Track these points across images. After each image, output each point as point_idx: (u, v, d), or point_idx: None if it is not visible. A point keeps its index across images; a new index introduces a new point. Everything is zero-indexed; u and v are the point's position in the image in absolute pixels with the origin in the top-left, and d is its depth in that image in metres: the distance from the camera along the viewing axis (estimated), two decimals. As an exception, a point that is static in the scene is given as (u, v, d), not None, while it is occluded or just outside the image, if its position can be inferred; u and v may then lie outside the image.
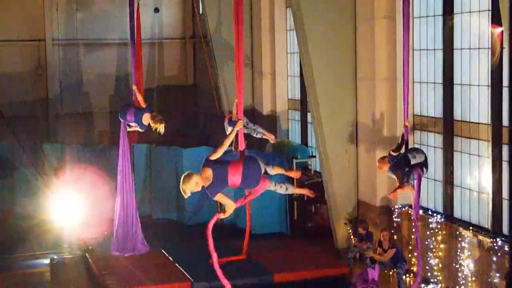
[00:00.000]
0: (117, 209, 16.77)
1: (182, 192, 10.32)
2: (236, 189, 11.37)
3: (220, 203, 10.73)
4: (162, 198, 22.27)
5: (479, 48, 15.03)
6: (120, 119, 15.92)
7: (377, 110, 17.57)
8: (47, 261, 18.44)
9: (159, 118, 15.02)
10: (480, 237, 14.62)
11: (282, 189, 11.28)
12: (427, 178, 16.77)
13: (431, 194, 16.76)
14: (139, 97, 15.64)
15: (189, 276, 16.75)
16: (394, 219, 17.20)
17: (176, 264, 17.62)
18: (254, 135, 16.36)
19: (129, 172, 16.52)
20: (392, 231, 17.25)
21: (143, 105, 15.49)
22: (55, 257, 18.48)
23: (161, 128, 14.93)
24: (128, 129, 15.97)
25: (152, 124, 15.02)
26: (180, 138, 25.42)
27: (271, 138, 16.44)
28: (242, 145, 10.94)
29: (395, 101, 17.10)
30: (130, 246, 17.02)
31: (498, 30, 13.82)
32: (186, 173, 10.47)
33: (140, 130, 15.69)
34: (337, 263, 17.99)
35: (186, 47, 29.79)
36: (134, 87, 16.09)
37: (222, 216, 10.56)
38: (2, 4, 27.10)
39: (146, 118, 15.19)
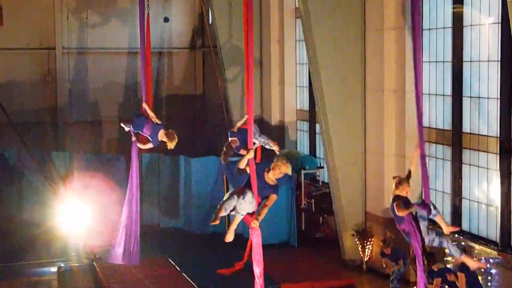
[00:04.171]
0: (123, 218, 16.66)
1: None
2: None
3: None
4: (170, 207, 22.28)
5: (488, 61, 15.02)
6: (133, 129, 15.71)
7: (385, 122, 17.56)
8: (54, 269, 18.44)
9: (173, 135, 15.04)
10: (489, 250, 14.58)
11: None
12: (435, 190, 16.77)
13: (439, 206, 16.69)
14: (152, 115, 15.51)
15: (196, 286, 16.75)
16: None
17: (183, 274, 17.62)
18: (267, 147, 16.31)
19: (138, 183, 16.45)
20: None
21: (157, 121, 15.42)
22: (63, 265, 18.48)
23: (172, 145, 14.99)
24: (141, 146, 15.80)
25: (166, 140, 15.05)
26: (188, 148, 25.44)
27: (276, 149, 16.47)
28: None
29: (404, 112, 17.08)
30: (126, 255, 16.85)
31: None
32: None
33: (152, 146, 15.65)
34: (344, 274, 17.96)
35: (195, 57, 29.83)
36: (145, 105, 15.74)
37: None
38: (13, 13, 27.20)
39: (162, 135, 15.23)
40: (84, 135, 27.96)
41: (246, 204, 11.27)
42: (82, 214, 19.66)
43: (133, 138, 15.49)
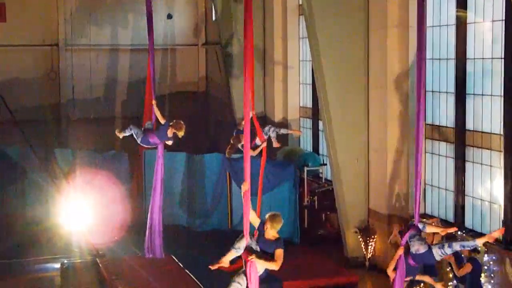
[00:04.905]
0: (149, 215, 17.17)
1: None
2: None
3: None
4: (173, 204, 22.28)
5: (492, 58, 15.00)
6: (142, 145, 16.37)
7: (388, 119, 17.54)
8: (57, 265, 18.48)
9: (180, 124, 15.53)
10: (491, 247, 14.56)
11: None
12: (438, 187, 16.76)
13: (442, 203, 16.71)
14: (158, 113, 15.95)
15: (198, 282, 16.77)
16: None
17: (186, 270, 17.64)
18: (278, 132, 16.49)
19: (161, 182, 16.94)
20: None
21: (162, 120, 15.87)
22: (66, 261, 18.51)
23: (182, 133, 15.46)
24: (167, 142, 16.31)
25: (175, 131, 15.54)
26: (191, 145, 25.44)
27: (296, 133, 16.91)
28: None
29: (407, 110, 17.09)
30: (151, 248, 17.33)
31: None
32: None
33: (169, 143, 16.17)
34: (346, 271, 17.96)
35: (198, 54, 29.83)
36: (154, 102, 16.25)
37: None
38: (16, 9, 27.22)
39: (170, 131, 15.68)
40: (87, 132, 27.95)
41: (240, 241, 10.73)
42: (85, 211, 19.69)
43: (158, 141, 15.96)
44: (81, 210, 19.65)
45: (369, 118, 18.28)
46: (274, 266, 10.67)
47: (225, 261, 10.87)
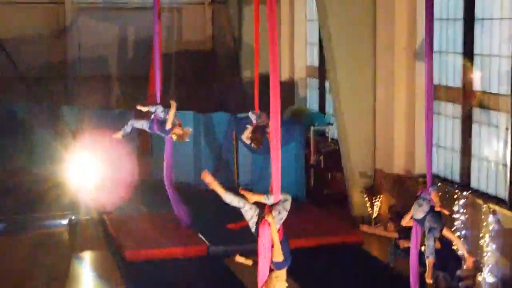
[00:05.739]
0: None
1: None
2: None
3: None
4: (180, 162, 22.35)
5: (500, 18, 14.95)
6: (150, 131, 16.88)
7: (396, 80, 17.52)
8: (65, 221, 18.67)
9: (183, 132, 15.73)
10: (497, 207, 14.63)
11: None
12: (445, 148, 16.80)
13: (448, 164, 16.76)
14: (172, 116, 15.98)
15: (204, 239, 16.91)
16: (411, 188, 17.20)
17: (192, 228, 17.75)
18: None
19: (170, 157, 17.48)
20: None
21: (168, 126, 15.94)
22: (73, 217, 18.69)
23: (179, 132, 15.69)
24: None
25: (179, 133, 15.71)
26: (197, 103, 25.44)
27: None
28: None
29: (414, 70, 17.06)
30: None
31: None
32: None
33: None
34: (352, 230, 18.08)
35: (205, 12, 29.69)
36: (174, 104, 16.05)
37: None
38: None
39: (173, 134, 15.78)
40: (94, 90, 27.96)
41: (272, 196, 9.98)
42: (92, 168, 19.76)
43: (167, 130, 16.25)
44: (88, 168, 19.72)
45: (376, 78, 18.25)
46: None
47: (251, 197, 9.91)
